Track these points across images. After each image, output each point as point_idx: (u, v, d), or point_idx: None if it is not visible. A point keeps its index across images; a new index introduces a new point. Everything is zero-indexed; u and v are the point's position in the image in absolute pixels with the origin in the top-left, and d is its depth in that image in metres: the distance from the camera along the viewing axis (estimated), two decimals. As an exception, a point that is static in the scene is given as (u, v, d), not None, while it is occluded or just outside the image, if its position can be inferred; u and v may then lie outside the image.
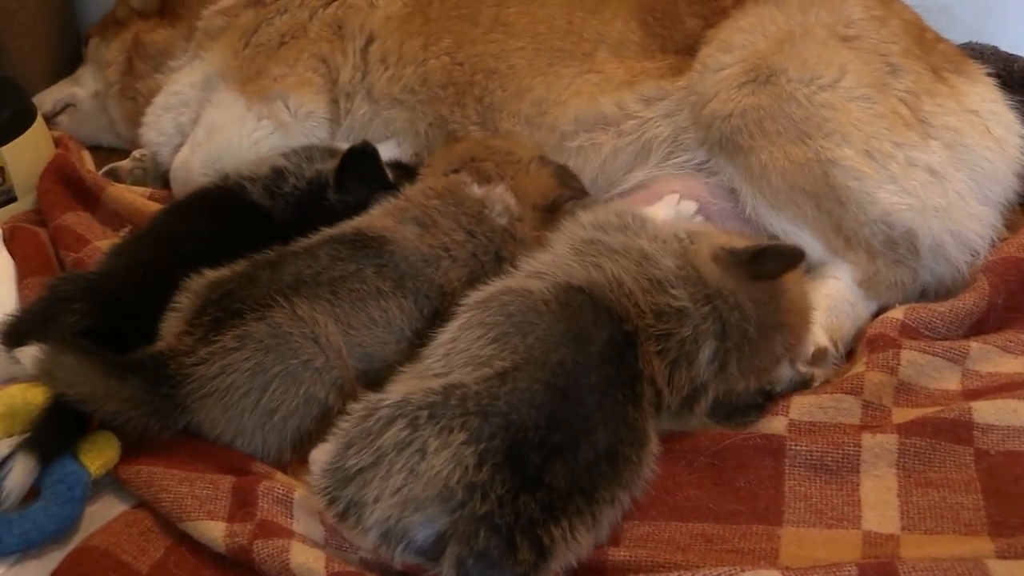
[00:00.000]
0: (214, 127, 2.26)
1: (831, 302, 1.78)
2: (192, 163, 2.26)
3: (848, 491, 1.43)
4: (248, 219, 1.84)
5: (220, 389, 1.47)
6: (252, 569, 1.36)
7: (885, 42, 1.89)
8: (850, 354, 1.76)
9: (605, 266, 1.49)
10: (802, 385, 1.63)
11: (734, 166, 1.88)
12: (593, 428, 1.31)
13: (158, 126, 2.42)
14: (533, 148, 1.96)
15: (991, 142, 1.86)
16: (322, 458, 1.34)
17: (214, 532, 1.39)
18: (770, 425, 1.53)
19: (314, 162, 1.94)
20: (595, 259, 1.50)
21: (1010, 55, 2.27)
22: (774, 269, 1.52)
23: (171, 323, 1.54)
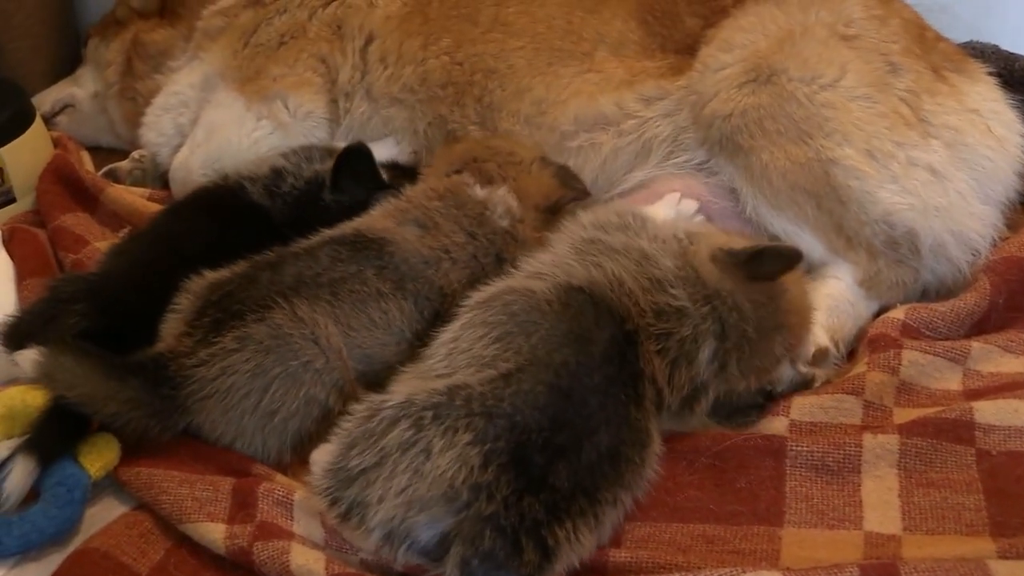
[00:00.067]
0: (213, 127, 2.26)
1: (832, 302, 1.77)
2: (191, 163, 2.26)
3: (849, 492, 1.43)
4: (248, 219, 1.83)
5: (220, 391, 1.47)
6: (252, 571, 1.35)
7: (885, 41, 1.89)
8: (851, 354, 1.75)
9: (606, 265, 1.49)
10: (803, 385, 1.63)
11: (734, 166, 1.88)
12: (596, 429, 1.31)
13: (157, 126, 2.42)
14: (534, 149, 1.95)
15: (992, 141, 1.86)
16: (324, 459, 1.33)
17: (214, 534, 1.39)
18: (771, 425, 1.53)
19: (313, 162, 1.93)
20: (596, 258, 1.50)
21: (1011, 54, 2.26)
22: (772, 270, 1.52)
23: (171, 324, 1.54)
